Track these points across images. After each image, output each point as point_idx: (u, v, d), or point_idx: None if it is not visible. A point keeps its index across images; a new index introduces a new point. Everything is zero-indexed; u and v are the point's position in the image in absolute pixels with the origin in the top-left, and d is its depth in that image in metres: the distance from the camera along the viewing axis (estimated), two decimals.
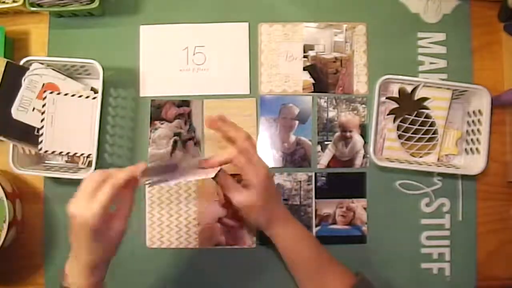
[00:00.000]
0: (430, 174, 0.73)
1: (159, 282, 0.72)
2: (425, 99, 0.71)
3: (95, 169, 0.66)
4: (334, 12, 0.75)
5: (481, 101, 0.69)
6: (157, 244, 0.72)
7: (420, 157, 0.72)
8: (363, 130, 0.74)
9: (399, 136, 0.72)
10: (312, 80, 0.74)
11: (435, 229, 0.73)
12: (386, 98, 0.72)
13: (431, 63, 0.74)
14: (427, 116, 0.71)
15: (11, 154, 0.66)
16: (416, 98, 0.71)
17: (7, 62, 0.65)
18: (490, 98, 0.69)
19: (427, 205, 0.73)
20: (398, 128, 0.72)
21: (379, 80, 0.69)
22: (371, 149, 0.69)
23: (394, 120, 0.72)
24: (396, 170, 0.72)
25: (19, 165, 0.67)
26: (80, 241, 0.50)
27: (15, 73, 0.66)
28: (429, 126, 0.71)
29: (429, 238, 0.73)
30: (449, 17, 0.75)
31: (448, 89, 0.71)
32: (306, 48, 0.74)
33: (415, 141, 0.72)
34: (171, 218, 0.72)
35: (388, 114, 0.72)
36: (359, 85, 0.74)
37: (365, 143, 0.73)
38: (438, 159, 0.73)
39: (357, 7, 0.75)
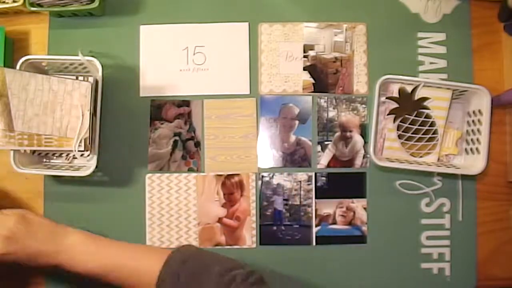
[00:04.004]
0: (430, 174, 0.73)
1: None
2: (425, 99, 0.71)
3: (96, 167, 0.67)
4: (334, 12, 0.75)
5: (481, 101, 0.69)
6: (157, 244, 0.72)
7: (420, 157, 0.72)
8: (363, 130, 0.74)
9: (399, 136, 0.72)
10: (312, 80, 0.74)
11: (435, 229, 0.73)
12: (386, 98, 0.71)
13: (431, 63, 0.74)
14: (427, 116, 0.71)
15: (12, 154, 0.67)
16: (416, 98, 0.71)
17: None
18: (490, 98, 0.69)
19: (427, 205, 0.73)
20: (398, 128, 0.72)
21: (379, 80, 0.69)
22: (371, 149, 0.69)
23: (394, 120, 0.72)
24: (396, 170, 0.72)
25: (20, 165, 0.67)
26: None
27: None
28: (429, 126, 0.71)
29: (429, 238, 0.73)
30: (449, 17, 0.75)
31: (448, 89, 0.71)
32: (306, 48, 0.74)
33: (415, 141, 0.72)
34: (171, 218, 0.72)
35: (388, 114, 0.72)
36: (359, 85, 0.74)
37: (365, 143, 0.73)
38: (438, 159, 0.73)
39: (357, 7, 0.75)
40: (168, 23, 0.74)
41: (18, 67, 0.66)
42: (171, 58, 0.74)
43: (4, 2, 0.70)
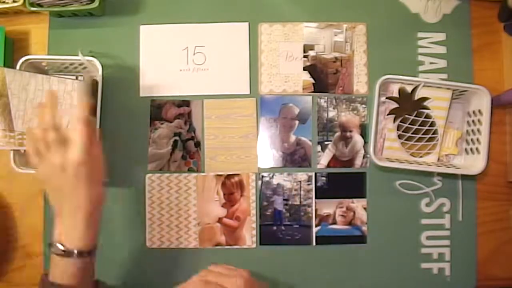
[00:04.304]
0: (430, 174, 0.73)
1: (159, 282, 0.72)
2: (425, 99, 0.71)
3: None
4: (334, 12, 0.75)
5: (481, 101, 0.69)
6: (157, 244, 0.72)
7: (420, 157, 0.72)
8: (363, 130, 0.74)
9: (399, 136, 0.72)
10: (312, 80, 0.74)
11: (435, 229, 0.73)
12: (386, 98, 0.71)
13: (431, 63, 0.74)
14: (427, 116, 0.71)
15: (12, 154, 0.67)
16: (416, 98, 0.71)
17: None
18: (490, 98, 0.69)
19: (427, 205, 0.73)
20: (398, 128, 0.72)
21: (379, 80, 0.69)
22: (371, 149, 0.69)
23: (394, 120, 0.72)
24: (396, 170, 0.72)
25: (20, 165, 0.67)
26: (74, 189, 0.53)
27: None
28: (429, 126, 0.71)
29: (429, 238, 0.73)
30: (449, 17, 0.75)
31: (448, 89, 0.71)
32: (306, 48, 0.74)
33: (415, 141, 0.72)
34: (171, 218, 0.72)
35: (388, 114, 0.72)
36: (359, 85, 0.74)
37: (365, 143, 0.73)
38: (438, 159, 0.73)
39: (357, 7, 0.75)
40: (168, 23, 0.74)
41: (18, 67, 0.66)
42: (171, 58, 0.74)
43: (4, 2, 0.70)
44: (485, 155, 0.68)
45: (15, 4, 0.69)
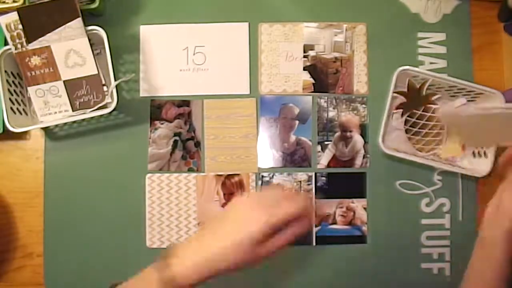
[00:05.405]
0: (430, 174, 0.73)
1: None
2: (433, 94, 0.71)
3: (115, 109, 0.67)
4: (334, 12, 0.75)
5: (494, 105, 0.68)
6: (157, 244, 0.72)
7: (426, 152, 0.72)
8: (363, 130, 0.74)
9: (406, 131, 0.72)
10: (312, 80, 0.74)
11: (435, 229, 0.73)
12: (394, 92, 0.71)
13: (431, 63, 0.74)
14: (434, 112, 0.71)
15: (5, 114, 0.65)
16: (424, 93, 0.71)
17: None
18: (504, 102, 0.67)
19: (427, 205, 0.73)
20: (406, 122, 0.72)
21: (396, 71, 0.68)
22: (380, 138, 0.68)
23: (402, 115, 0.72)
24: (396, 170, 0.72)
25: (15, 125, 0.66)
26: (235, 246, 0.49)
27: None
28: (436, 122, 0.71)
29: (429, 238, 0.73)
30: (449, 17, 0.75)
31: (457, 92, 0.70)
32: (306, 48, 0.74)
33: (421, 136, 0.72)
34: (171, 218, 0.72)
35: (396, 109, 0.72)
36: (359, 85, 0.74)
37: (365, 143, 0.73)
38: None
39: (357, 7, 0.75)
40: (168, 23, 0.74)
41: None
42: (171, 58, 0.74)
43: (4, 2, 0.70)
44: (492, 159, 0.67)
45: (15, 4, 0.68)
